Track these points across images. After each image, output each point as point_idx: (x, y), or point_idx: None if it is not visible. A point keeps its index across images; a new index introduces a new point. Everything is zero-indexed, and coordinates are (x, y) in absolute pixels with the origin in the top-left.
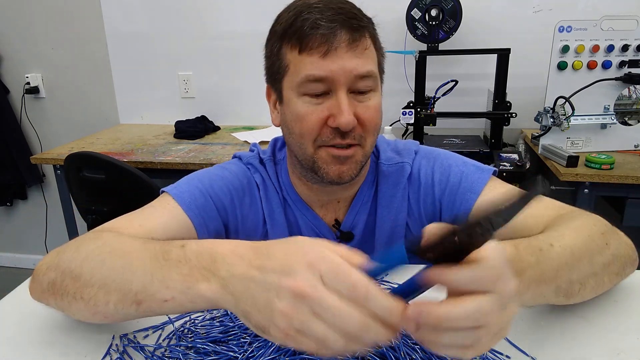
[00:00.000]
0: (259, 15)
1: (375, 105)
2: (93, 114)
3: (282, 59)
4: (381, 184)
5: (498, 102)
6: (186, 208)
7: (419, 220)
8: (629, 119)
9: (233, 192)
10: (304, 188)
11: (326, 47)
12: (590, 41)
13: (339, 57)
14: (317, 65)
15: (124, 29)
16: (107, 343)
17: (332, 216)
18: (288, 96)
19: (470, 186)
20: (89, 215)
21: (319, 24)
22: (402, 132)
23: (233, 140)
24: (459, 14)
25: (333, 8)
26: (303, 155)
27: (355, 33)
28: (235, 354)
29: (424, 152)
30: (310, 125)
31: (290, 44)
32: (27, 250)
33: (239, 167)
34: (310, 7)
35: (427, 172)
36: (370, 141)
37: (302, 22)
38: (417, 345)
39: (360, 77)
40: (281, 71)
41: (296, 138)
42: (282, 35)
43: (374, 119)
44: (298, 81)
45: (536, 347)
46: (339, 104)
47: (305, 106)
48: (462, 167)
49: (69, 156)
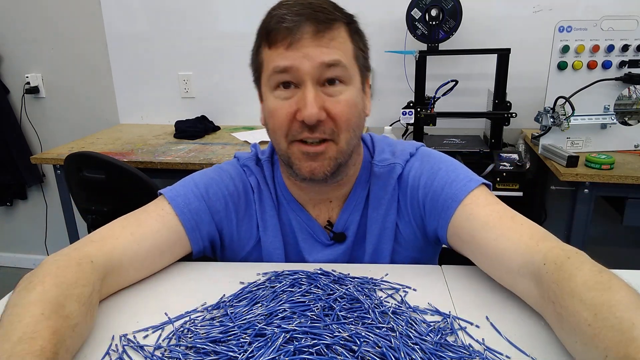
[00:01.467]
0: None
1: (347, 99)
2: (93, 114)
3: (259, 57)
4: (372, 185)
5: (498, 102)
6: (179, 212)
7: (408, 222)
8: (629, 119)
9: (228, 197)
10: (294, 188)
11: (290, 39)
12: (590, 41)
13: (303, 47)
14: (282, 56)
15: (124, 29)
16: (106, 343)
17: (325, 216)
18: (264, 92)
19: (452, 193)
20: (89, 215)
21: (284, 18)
22: (402, 132)
23: (233, 140)
24: (459, 14)
25: (302, 3)
26: (280, 151)
27: (320, 25)
28: (235, 354)
29: (421, 155)
30: (280, 120)
31: (263, 41)
32: (27, 250)
33: (235, 169)
34: (281, 5)
35: (415, 175)
36: (345, 137)
37: (270, 19)
38: (417, 346)
39: (326, 65)
40: (259, 69)
41: (272, 134)
42: (258, 35)
43: (345, 114)
44: (268, 74)
45: (536, 347)
46: (304, 97)
47: (276, 101)
48: (452, 173)
49: (69, 156)
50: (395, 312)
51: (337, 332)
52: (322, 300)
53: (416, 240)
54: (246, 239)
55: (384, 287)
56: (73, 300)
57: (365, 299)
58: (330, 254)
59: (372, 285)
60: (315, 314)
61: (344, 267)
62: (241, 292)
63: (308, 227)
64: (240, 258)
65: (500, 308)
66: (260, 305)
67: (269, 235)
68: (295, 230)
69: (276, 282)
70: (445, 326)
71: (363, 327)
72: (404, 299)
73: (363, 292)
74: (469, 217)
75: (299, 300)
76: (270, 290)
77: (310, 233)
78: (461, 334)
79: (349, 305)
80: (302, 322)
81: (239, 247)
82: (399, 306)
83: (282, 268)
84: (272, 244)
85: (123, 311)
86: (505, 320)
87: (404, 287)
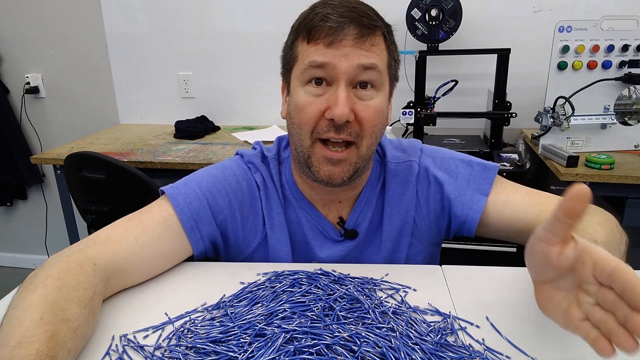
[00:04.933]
0: (259, 15)
1: (376, 105)
2: (93, 114)
3: (293, 50)
4: (390, 182)
5: (498, 102)
6: (179, 211)
7: (426, 217)
8: (629, 119)
9: (232, 195)
10: (305, 186)
11: (332, 38)
12: (590, 41)
13: (343, 47)
14: (321, 52)
15: (124, 29)
16: (106, 343)
17: (335, 214)
18: (294, 86)
19: (478, 187)
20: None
21: (329, 17)
22: (402, 132)
23: (233, 140)
24: (459, 14)
25: (347, 6)
26: (301, 147)
27: (363, 29)
28: (235, 354)
29: (429, 151)
30: (308, 116)
31: (301, 35)
32: (27, 250)
33: (239, 167)
34: (325, 3)
35: (435, 171)
36: (367, 143)
37: (314, 15)
38: (417, 346)
39: (363, 67)
40: (291, 62)
41: (296, 128)
42: (296, 28)
43: (372, 119)
44: (302, 68)
45: (536, 347)
46: (337, 96)
47: (306, 97)
48: (468, 167)
49: (69, 156)
50: (396, 312)
51: (337, 332)
52: (322, 300)
53: (430, 234)
54: (252, 236)
55: (384, 287)
56: (74, 303)
57: (365, 299)
58: (342, 250)
59: (372, 285)
60: (315, 314)
61: (344, 267)
62: (241, 292)
63: (318, 224)
64: (246, 256)
65: (500, 308)
66: (261, 305)
67: (276, 233)
68: (304, 227)
69: (276, 282)
70: (446, 326)
71: (363, 327)
72: (404, 299)
73: (363, 292)
74: (507, 204)
75: (299, 300)
76: (271, 290)
77: (320, 230)
78: (461, 334)
79: (349, 305)
80: (302, 322)
81: (244, 245)
82: (399, 306)
83: (282, 268)
84: (279, 242)
85: (123, 311)
86: (505, 320)
87: (404, 287)
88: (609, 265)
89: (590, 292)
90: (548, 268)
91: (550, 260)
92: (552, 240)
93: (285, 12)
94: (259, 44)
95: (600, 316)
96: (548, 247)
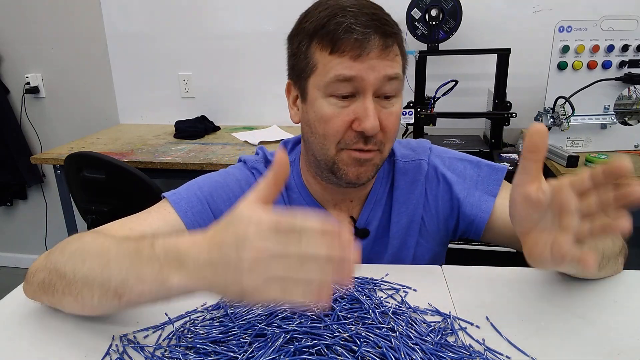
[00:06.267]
0: (259, 15)
1: (397, 111)
2: (93, 114)
3: (310, 57)
4: (398, 181)
5: (498, 102)
6: (182, 215)
7: (435, 215)
8: (629, 119)
9: (233, 199)
10: (317, 187)
11: (359, 51)
12: (590, 41)
13: (370, 59)
14: (348, 65)
15: (124, 29)
16: (107, 343)
17: (346, 214)
18: (313, 95)
19: (487, 188)
20: (89, 215)
21: (353, 28)
22: (402, 132)
23: (233, 140)
24: (459, 14)
25: (367, 13)
26: (324, 156)
27: (387, 39)
28: (235, 354)
29: (437, 151)
30: (335, 128)
31: (322, 44)
32: (27, 250)
33: (242, 173)
34: (344, 10)
35: (444, 171)
36: (388, 147)
37: (335, 25)
38: (417, 346)
39: (388, 78)
40: (308, 70)
41: (319, 138)
42: (312, 34)
43: (395, 126)
44: (327, 81)
45: (536, 347)
46: (365, 108)
47: (332, 108)
48: (477, 169)
49: (69, 156)
50: (396, 312)
51: (337, 332)
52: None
53: (438, 233)
54: None
55: (384, 288)
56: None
57: (366, 299)
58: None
59: (372, 285)
60: (315, 314)
61: None
62: None
63: None
64: None
65: (500, 308)
66: (261, 305)
67: None
68: None
69: None
70: (446, 326)
71: (363, 327)
72: (404, 299)
73: (363, 292)
74: None
75: None
76: None
77: None
78: (461, 334)
79: (349, 305)
80: (302, 323)
81: None
82: (399, 306)
83: None
84: None
85: (123, 311)
86: (505, 320)
87: (404, 287)
88: (593, 171)
89: (573, 210)
90: (529, 209)
91: (530, 199)
92: (526, 179)
93: (285, 12)
94: (259, 44)
95: (589, 225)
96: (525, 188)
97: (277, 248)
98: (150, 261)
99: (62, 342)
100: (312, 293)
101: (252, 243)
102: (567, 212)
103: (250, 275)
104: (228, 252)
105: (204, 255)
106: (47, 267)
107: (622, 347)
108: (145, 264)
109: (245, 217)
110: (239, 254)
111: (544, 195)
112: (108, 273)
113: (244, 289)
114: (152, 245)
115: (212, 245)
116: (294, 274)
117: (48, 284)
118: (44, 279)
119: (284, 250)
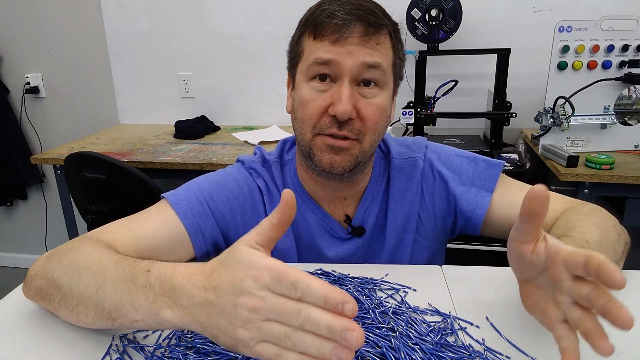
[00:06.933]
0: (259, 15)
1: (379, 103)
2: (93, 114)
3: (299, 45)
4: (394, 178)
5: (498, 102)
6: (182, 216)
7: (432, 213)
8: (629, 119)
9: (233, 200)
10: (312, 183)
11: (337, 35)
12: (590, 41)
13: (349, 44)
14: (327, 49)
15: (124, 29)
16: (107, 343)
17: (341, 212)
18: (299, 81)
19: (483, 184)
20: (89, 215)
21: (335, 14)
22: (402, 132)
23: (233, 140)
24: (459, 14)
25: (354, 3)
26: (302, 140)
27: (370, 27)
28: (235, 354)
29: (433, 148)
30: (311, 111)
31: (308, 31)
32: (27, 250)
33: (240, 173)
34: (332, 0)
35: (440, 168)
36: (370, 140)
37: (320, 12)
38: (417, 346)
39: (367, 66)
40: (297, 57)
41: (298, 122)
42: (303, 24)
43: (375, 117)
44: (307, 64)
45: (536, 347)
46: (340, 92)
47: (311, 92)
48: (473, 164)
49: (69, 156)
50: (395, 312)
51: None
52: None
53: (435, 231)
54: None
55: (384, 288)
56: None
57: (365, 299)
58: (350, 247)
59: (372, 285)
60: None
61: (344, 267)
62: None
63: (325, 223)
64: None
65: (500, 308)
66: None
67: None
68: (311, 228)
69: None
70: (446, 326)
71: (363, 327)
72: (404, 299)
73: (363, 292)
74: (512, 204)
75: None
76: None
77: (327, 229)
78: (461, 334)
79: None
80: None
81: None
82: (399, 306)
83: None
84: (284, 244)
85: None
86: (505, 320)
87: (404, 287)
88: (580, 258)
89: (565, 290)
90: (525, 266)
91: (525, 259)
92: (523, 239)
93: (285, 12)
94: (258, 44)
95: (578, 316)
96: (521, 246)
97: (274, 308)
98: (144, 290)
99: (62, 342)
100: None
101: (250, 293)
102: (560, 289)
103: (244, 332)
104: (224, 297)
105: (199, 294)
106: (44, 275)
107: (622, 347)
108: (139, 291)
109: (246, 261)
110: (235, 300)
111: (538, 259)
112: (103, 294)
113: (237, 343)
114: (148, 272)
115: (208, 285)
116: (289, 342)
117: (45, 292)
118: (41, 287)
119: (282, 310)
